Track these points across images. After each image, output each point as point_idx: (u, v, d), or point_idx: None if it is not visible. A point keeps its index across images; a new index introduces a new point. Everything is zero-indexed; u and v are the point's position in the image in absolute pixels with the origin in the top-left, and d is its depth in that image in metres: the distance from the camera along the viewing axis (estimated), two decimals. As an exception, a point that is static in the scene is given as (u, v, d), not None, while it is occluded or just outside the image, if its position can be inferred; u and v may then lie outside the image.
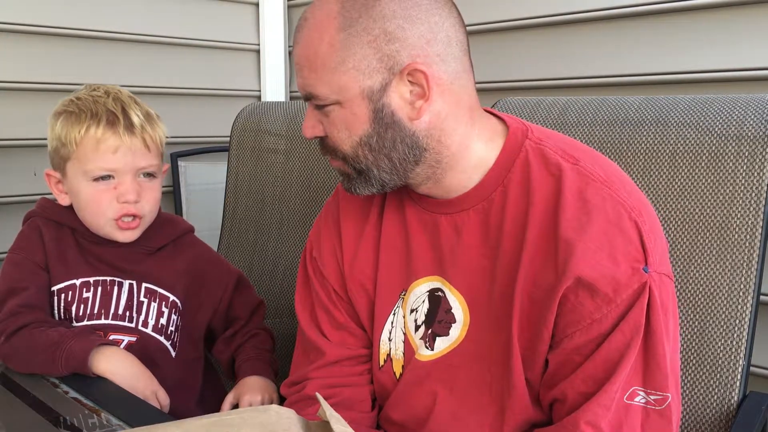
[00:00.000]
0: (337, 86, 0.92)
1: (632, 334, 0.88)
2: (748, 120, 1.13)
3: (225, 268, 1.42)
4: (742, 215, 1.11)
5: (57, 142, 1.24)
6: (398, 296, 1.05)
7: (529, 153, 0.97)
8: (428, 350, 1.01)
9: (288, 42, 2.62)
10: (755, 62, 1.54)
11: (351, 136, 0.95)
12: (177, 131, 2.31)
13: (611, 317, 0.88)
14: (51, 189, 1.28)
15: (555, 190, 0.93)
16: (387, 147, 0.95)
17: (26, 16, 2.03)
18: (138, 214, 1.24)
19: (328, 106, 0.94)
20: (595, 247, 0.88)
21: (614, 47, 1.76)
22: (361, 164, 0.96)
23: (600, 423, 0.87)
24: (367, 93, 0.92)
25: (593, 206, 0.90)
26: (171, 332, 1.31)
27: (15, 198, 2.05)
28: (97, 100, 1.23)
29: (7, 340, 1.17)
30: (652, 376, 0.89)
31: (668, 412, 0.89)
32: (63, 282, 1.25)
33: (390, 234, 1.06)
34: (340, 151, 0.97)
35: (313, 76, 0.93)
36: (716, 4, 1.59)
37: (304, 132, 0.98)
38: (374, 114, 0.93)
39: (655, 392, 0.89)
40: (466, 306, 0.98)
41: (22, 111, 2.05)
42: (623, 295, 0.88)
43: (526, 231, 0.93)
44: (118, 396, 1.09)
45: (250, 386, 1.27)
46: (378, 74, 0.91)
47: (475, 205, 0.98)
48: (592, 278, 0.87)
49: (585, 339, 0.89)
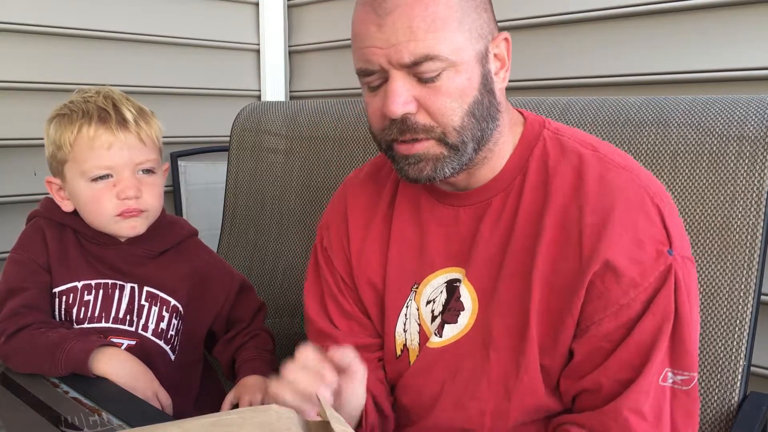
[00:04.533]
0: (457, 46, 0.90)
1: (663, 317, 0.88)
2: (749, 121, 1.13)
3: (228, 273, 1.42)
4: (743, 216, 1.11)
5: (53, 147, 1.24)
6: (410, 289, 1.05)
7: (547, 142, 0.99)
8: (437, 337, 1.02)
9: (288, 42, 2.62)
10: (756, 62, 1.54)
11: (462, 104, 0.92)
12: (177, 131, 2.31)
13: (639, 301, 0.89)
14: (53, 196, 1.28)
15: (576, 176, 0.94)
16: (484, 117, 0.94)
17: (26, 16, 2.03)
18: (140, 209, 1.24)
19: (441, 74, 0.90)
20: (620, 230, 0.89)
21: (614, 47, 1.76)
22: (462, 136, 0.93)
23: (642, 408, 0.87)
24: (478, 57, 0.93)
25: (616, 190, 0.92)
26: (171, 336, 1.31)
27: (15, 198, 2.05)
28: (87, 100, 1.23)
29: (7, 340, 1.17)
30: (680, 357, 0.90)
31: (695, 391, 0.90)
32: (65, 284, 1.25)
33: (401, 228, 1.07)
34: (444, 125, 0.92)
35: (431, 37, 0.89)
36: (716, 4, 1.59)
37: (395, 108, 0.91)
38: (482, 78, 0.94)
39: (682, 372, 0.90)
40: (475, 294, 0.99)
41: (22, 111, 2.05)
42: (650, 278, 0.89)
43: (543, 218, 0.94)
44: (118, 396, 1.09)
45: (250, 386, 1.27)
46: (482, 40, 0.93)
47: (496, 194, 0.99)
48: (618, 262, 0.88)
49: (614, 325, 0.90)
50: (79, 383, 1.11)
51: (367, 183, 1.14)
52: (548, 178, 0.95)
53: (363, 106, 1.64)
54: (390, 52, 0.90)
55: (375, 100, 0.95)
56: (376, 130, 0.98)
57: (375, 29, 0.91)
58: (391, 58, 0.90)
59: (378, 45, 0.91)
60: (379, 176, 1.13)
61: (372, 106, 0.97)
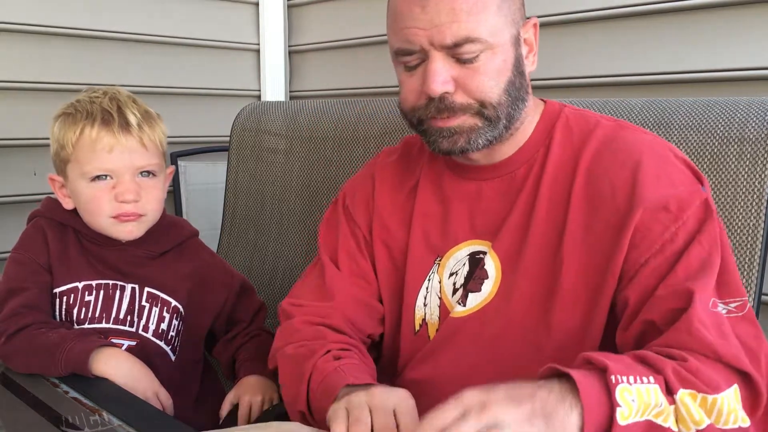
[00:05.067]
0: (496, 29, 0.95)
1: (711, 246, 0.90)
2: (750, 123, 1.14)
3: (228, 274, 1.42)
4: (743, 216, 1.11)
5: (56, 145, 1.24)
6: (433, 262, 1.08)
7: (569, 117, 1.04)
8: (461, 306, 1.03)
9: (288, 42, 2.62)
10: (756, 62, 1.54)
11: (498, 83, 0.97)
12: (177, 131, 2.30)
13: (682, 234, 0.91)
14: (55, 193, 1.28)
15: (600, 141, 0.99)
16: (516, 97, 0.99)
17: (26, 16, 2.03)
18: (138, 213, 1.24)
19: (479, 56, 0.95)
20: (651, 177, 0.93)
21: (614, 47, 1.76)
22: (498, 111, 0.97)
23: (705, 320, 0.85)
24: (512, 40, 0.98)
25: (642, 148, 0.96)
26: (171, 337, 1.31)
27: (15, 198, 2.04)
28: (93, 101, 1.23)
29: (7, 340, 1.17)
30: (728, 285, 0.91)
31: (751, 315, 0.91)
32: (65, 284, 1.25)
33: (425, 203, 1.09)
34: (482, 100, 0.97)
35: (473, 19, 0.93)
36: (716, 4, 1.59)
37: (436, 87, 0.95)
38: (515, 61, 0.99)
39: (734, 299, 0.90)
40: (499, 263, 1.01)
41: (22, 111, 2.05)
42: (688, 211, 0.91)
43: (572, 183, 0.97)
44: (118, 396, 1.09)
45: (250, 386, 1.27)
46: (515, 24, 0.99)
47: (520, 167, 1.03)
48: (655, 202, 0.91)
49: (661, 259, 0.91)
50: (79, 383, 1.11)
51: (397, 162, 1.17)
52: (573, 145, 1.00)
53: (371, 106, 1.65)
54: (432, 33, 0.93)
55: (412, 79, 0.99)
56: (409, 108, 1.01)
57: (419, 10, 0.94)
58: (433, 39, 0.94)
59: (420, 26, 0.94)
60: (409, 157, 1.16)
61: (408, 85, 1.00)
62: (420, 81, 0.97)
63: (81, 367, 1.12)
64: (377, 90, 2.24)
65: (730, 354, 0.83)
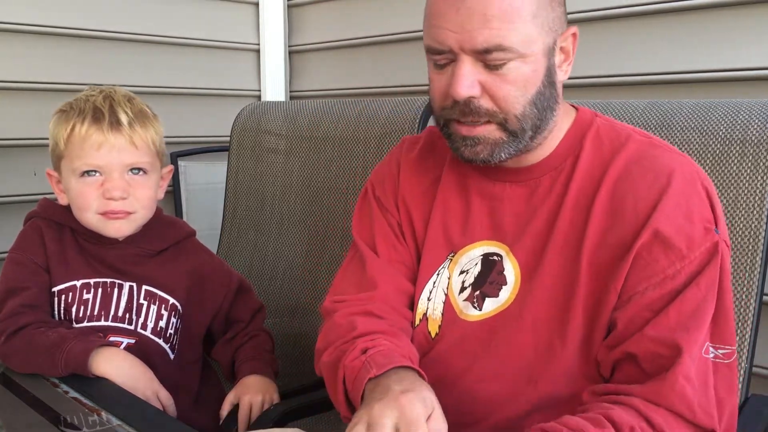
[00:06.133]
0: (528, 38, 0.93)
1: (707, 290, 0.90)
2: (752, 124, 1.14)
3: (226, 273, 1.42)
4: (745, 217, 1.11)
5: (52, 141, 1.26)
6: (446, 257, 1.07)
7: (600, 128, 1.02)
8: (476, 310, 1.03)
9: (288, 42, 2.62)
10: (756, 62, 1.54)
11: (525, 94, 0.95)
12: (177, 131, 2.31)
13: (684, 273, 0.91)
14: (53, 188, 1.29)
15: (630, 156, 0.97)
16: (545, 107, 0.97)
17: (26, 16, 2.03)
18: (126, 211, 1.23)
19: (508, 64, 0.93)
20: (674, 204, 0.92)
21: (614, 47, 1.76)
22: (522, 124, 0.96)
23: (691, 374, 0.87)
24: (546, 50, 0.96)
25: (671, 169, 0.95)
26: (170, 335, 1.31)
27: (15, 198, 2.05)
28: (88, 99, 1.24)
29: (7, 340, 1.16)
30: (721, 331, 0.91)
31: (734, 366, 0.92)
32: (63, 283, 1.25)
33: (447, 197, 1.09)
34: (506, 111, 0.95)
35: (505, 27, 0.91)
36: (716, 4, 1.59)
37: (461, 90, 0.94)
38: (547, 71, 0.97)
39: (723, 346, 0.91)
40: (519, 269, 1.01)
41: (22, 111, 2.05)
42: (696, 252, 0.91)
43: (596, 195, 0.96)
44: (118, 396, 1.09)
45: (250, 386, 1.27)
46: (551, 34, 0.96)
47: (546, 173, 1.02)
48: (668, 233, 0.91)
49: (658, 294, 0.91)
50: (79, 383, 1.11)
51: (420, 152, 1.15)
52: (603, 156, 0.99)
53: (371, 106, 1.65)
54: (463, 37, 0.92)
55: (440, 78, 0.98)
56: (436, 107, 1.01)
57: (452, 12, 0.93)
58: (463, 43, 0.92)
59: (452, 28, 0.93)
60: (433, 147, 1.15)
61: (436, 84, 0.99)
62: (447, 82, 0.96)
63: (81, 367, 1.12)
64: (377, 90, 2.24)
65: (705, 413, 0.86)
